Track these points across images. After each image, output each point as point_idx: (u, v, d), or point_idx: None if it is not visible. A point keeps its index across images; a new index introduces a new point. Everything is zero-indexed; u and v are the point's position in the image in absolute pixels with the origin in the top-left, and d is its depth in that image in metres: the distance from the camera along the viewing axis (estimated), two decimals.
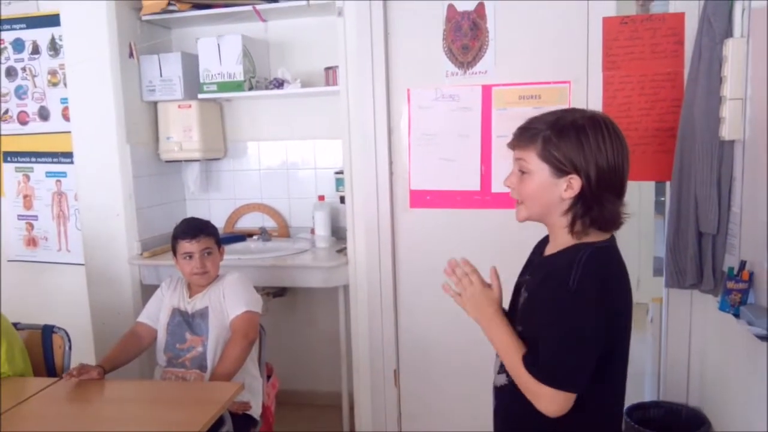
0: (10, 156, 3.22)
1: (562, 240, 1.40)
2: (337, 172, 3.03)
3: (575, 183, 1.32)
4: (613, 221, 1.37)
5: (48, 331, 2.29)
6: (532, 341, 1.36)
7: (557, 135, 1.32)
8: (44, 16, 3.05)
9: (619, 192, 1.36)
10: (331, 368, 3.13)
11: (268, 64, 3.18)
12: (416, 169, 2.61)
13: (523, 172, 1.38)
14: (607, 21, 2.30)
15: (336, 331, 2.98)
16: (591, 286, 1.29)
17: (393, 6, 2.55)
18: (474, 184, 2.54)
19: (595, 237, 1.37)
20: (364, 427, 2.82)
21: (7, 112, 3.19)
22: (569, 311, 1.29)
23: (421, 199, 2.62)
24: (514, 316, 1.47)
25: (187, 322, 2.30)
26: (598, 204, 1.33)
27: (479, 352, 1.60)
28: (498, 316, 1.43)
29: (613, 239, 1.41)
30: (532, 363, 1.33)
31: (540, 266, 1.46)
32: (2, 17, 3.11)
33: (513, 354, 1.37)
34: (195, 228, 2.33)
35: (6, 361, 2.08)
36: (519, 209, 1.43)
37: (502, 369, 1.45)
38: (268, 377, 2.52)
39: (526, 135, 1.37)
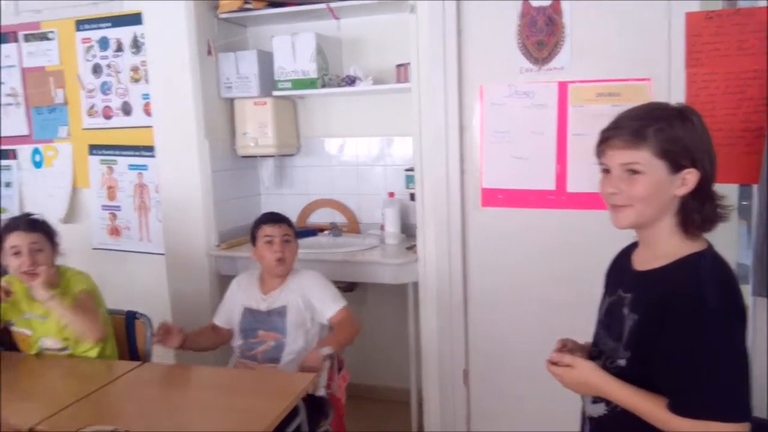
0: (96, 149, 3.36)
1: (663, 250, 1.29)
2: (407, 169, 3.04)
3: (690, 178, 1.23)
4: (719, 217, 1.27)
5: (131, 317, 2.40)
6: (650, 368, 1.24)
7: (669, 126, 1.23)
8: (127, 15, 3.15)
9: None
10: (400, 365, 3.16)
11: (340, 62, 3.22)
12: (488, 167, 2.59)
13: (634, 172, 1.25)
14: (690, 16, 2.21)
15: (405, 328, 3.00)
16: (729, 301, 1.19)
17: (466, 2, 2.53)
18: (549, 183, 2.49)
19: (700, 243, 1.28)
20: (433, 425, 2.81)
21: (93, 107, 3.33)
22: (718, 333, 1.17)
23: (493, 197, 2.60)
24: (609, 338, 1.36)
25: (259, 320, 2.37)
26: (710, 199, 1.25)
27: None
28: (607, 380, 1.28)
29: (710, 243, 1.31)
30: (687, 406, 1.18)
31: (646, 282, 1.31)
32: (89, 17, 3.25)
33: (651, 410, 1.22)
34: (277, 216, 2.48)
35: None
36: (625, 213, 1.28)
37: (598, 398, 1.33)
38: (339, 369, 2.56)
39: (626, 134, 1.25)
